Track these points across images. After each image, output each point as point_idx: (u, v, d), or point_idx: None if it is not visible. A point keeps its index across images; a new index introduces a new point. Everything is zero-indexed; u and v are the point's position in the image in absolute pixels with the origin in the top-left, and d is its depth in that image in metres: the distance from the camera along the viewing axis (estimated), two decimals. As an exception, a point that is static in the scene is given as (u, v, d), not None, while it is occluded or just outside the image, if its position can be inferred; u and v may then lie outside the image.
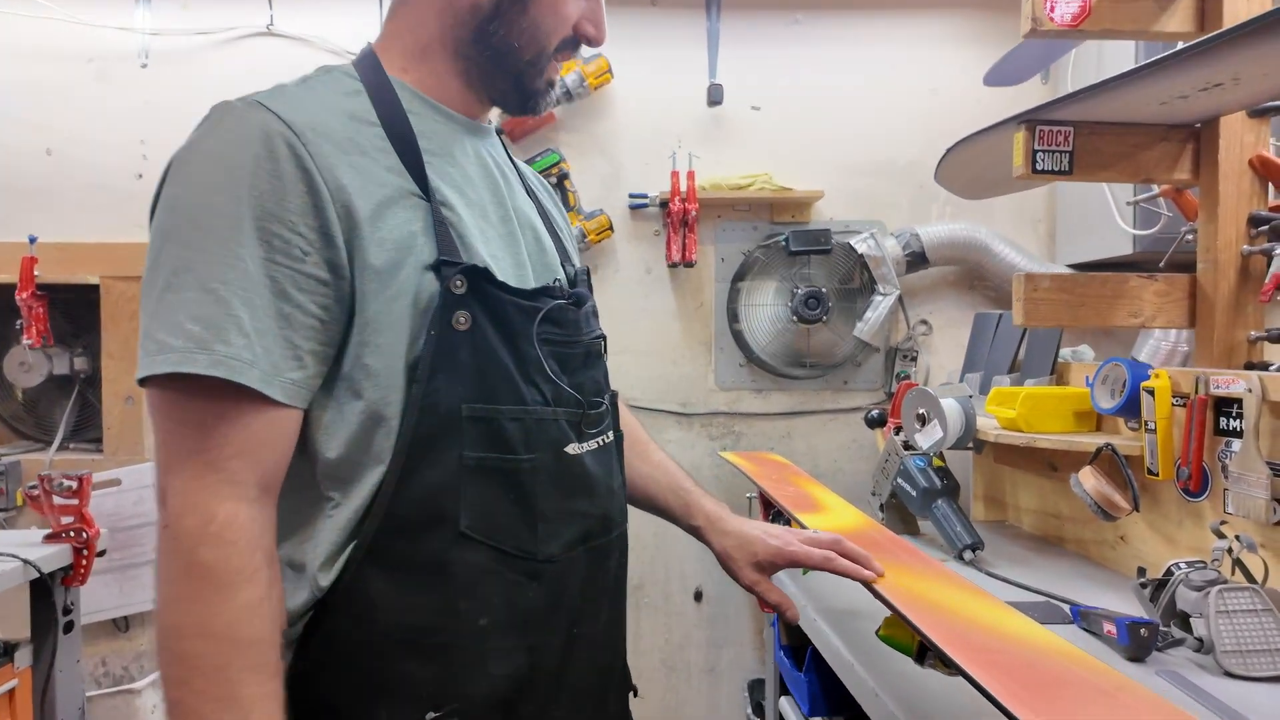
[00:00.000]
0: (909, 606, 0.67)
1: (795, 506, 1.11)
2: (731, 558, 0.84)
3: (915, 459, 1.41)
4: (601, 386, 0.76)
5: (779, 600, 0.83)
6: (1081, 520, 1.38)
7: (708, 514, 0.87)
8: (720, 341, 1.98)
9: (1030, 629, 0.63)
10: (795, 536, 0.83)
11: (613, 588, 0.76)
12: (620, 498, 0.78)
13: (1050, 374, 1.48)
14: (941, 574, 0.77)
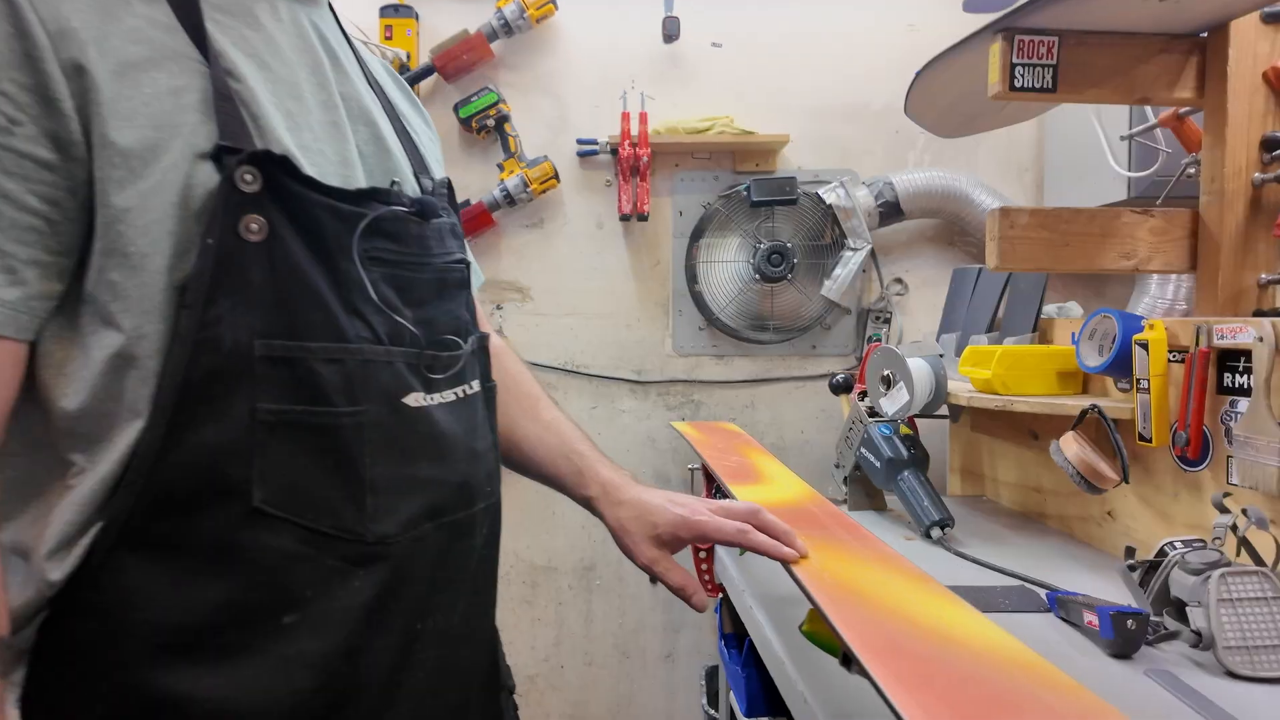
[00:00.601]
0: (831, 599, 0.52)
1: (732, 477, 0.96)
2: (626, 531, 0.69)
3: (880, 426, 1.26)
4: (463, 324, 0.61)
5: (681, 582, 0.69)
6: (1064, 494, 1.24)
7: (603, 482, 0.72)
8: (679, 303, 1.82)
9: (984, 631, 0.48)
10: (706, 506, 0.69)
11: (476, 571, 0.61)
12: (489, 462, 0.62)
13: (1032, 331, 1.33)
14: (884, 559, 0.62)
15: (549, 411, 0.77)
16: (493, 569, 0.64)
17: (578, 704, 1.88)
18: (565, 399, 1.83)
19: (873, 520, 1.29)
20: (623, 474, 0.74)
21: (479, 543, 0.60)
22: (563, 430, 0.76)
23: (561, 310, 1.83)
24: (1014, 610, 0.90)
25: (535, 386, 0.79)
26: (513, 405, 0.76)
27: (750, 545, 0.65)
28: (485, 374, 0.63)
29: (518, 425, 0.75)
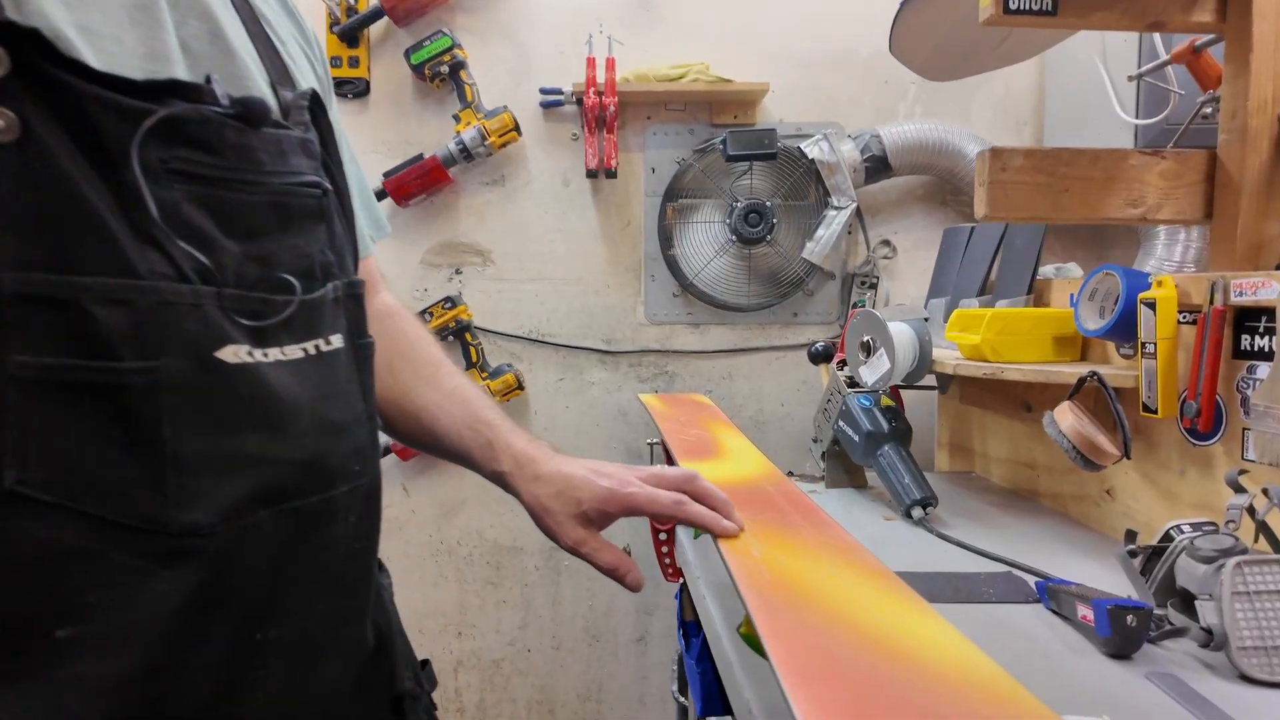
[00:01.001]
0: (765, 601, 0.42)
1: (687, 452, 0.86)
2: (547, 510, 0.61)
3: (859, 397, 1.16)
4: (318, 264, 0.49)
5: (612, 562, 0.61)
6: (1059, 471, 1.14)
7: (516, 455, 0.63)
8: (651, 268, 1.71)
9: (944, 644, 0.38)
10: (637, 475, 0.61)
11: (344, 569, 0.51)
12: (359, 436, 0.52)
13: (1027, 294, 1.22)
14: (841, 550, 0.52)
15: (453, 379, 0.67)
16: (368, 564, 0.54)
17: (545, 689, 1.80)
18: (531, 370, 1.73)
19: (851, 499, 1.20)
20: (540, 446, 0.64)
21: (344, 534, 0.50)
22: (468, 398, 0.66)
23: (525, 275, 1.72)
24: (998, 600, 0.80)
25: (437, 351, 0.69)
26: (409, 371, 0.66)
27: (684, 518, 0.58)
28: (355, 328, 0.53)
29: (415, 393, 0.65)
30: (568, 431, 1.74)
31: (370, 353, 0.54)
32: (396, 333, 0.68)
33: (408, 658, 0.64)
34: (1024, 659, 0.67)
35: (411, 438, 0.67)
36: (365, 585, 0.54)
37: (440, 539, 1.77)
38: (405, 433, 0.67)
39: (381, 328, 0.68)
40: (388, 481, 1.82)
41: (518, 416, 1.74)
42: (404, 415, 0.66)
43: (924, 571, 0.87)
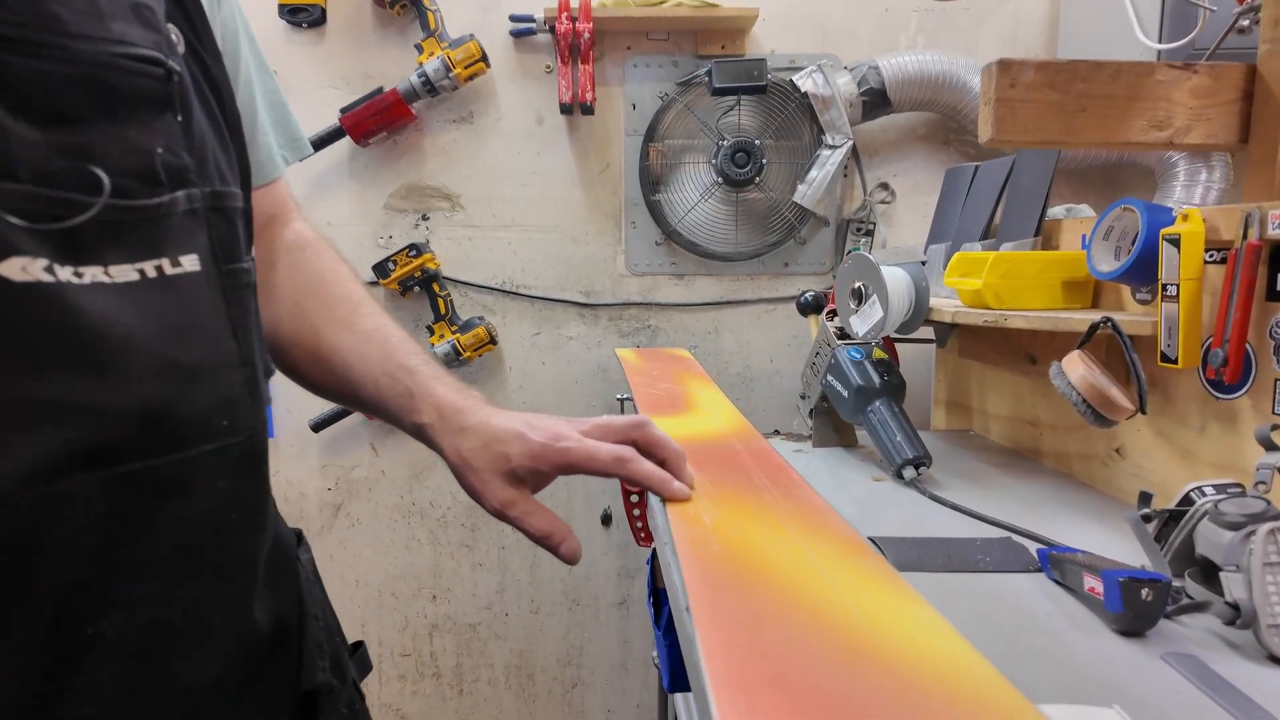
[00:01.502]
0: (707, 580, 0.34)
1: (654, 407, 0.78)
2: (471, 467, 0.53)
3: (849, 350, 1.08)
4: (160, 164, 0.40)
5: (545, 528, 0.54)
6: (1064, 428, 1.06)
7: (439, 405, 0.55)
8: (632, 214, 1.61)
9: (923, 635, 0.30)
10: (578, 427, 0.54)
11: (217, 547, 0.43)
12: (229, 384, 0.43)
13: (1034, 236, 1.13)
14: (808, 515, 0.44)
15: (372, 319, 0.59)
16: (250, 542, 0.46)
17: (524, 653, 1.75)
18: (504, 324, 1.64)
19: (839, 459, 1.12)
20: (469, 395, 0.56)
21: (209, 505, 0.42)
22: (388, 342, 0.57)
23: (498, 222, 1.62)
24: (995, 570, 0.73)
25: (356, 288, 0.60)
26: (321, 311, 0.58)
27: (627, 476, 0.52)
28: (223, 250, 0.43)
29: (327, 336, 0.57)
30: (544, 389, 1.66)
31: (246, 281, 0.45)
32: (307, 267, 0.60)
33: (327, 644, 0.56)
34: (1022, 636, 0.60)
35: (324, 388, 0.58)
36: (247, 567, 0.45)
37: (412, 500, 1.71)
38: (316, 381, 0.59)
39: (291, 261, 0.60)
40: (354, 441, 1.76)
41: (491, 373, 1.65)
42: (314, 361, 0.57)
43: (914, 536, 0.80)
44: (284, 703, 0.49)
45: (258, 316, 0.48)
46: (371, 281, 1.57)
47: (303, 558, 0.59)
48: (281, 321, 0.58)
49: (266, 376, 0.49)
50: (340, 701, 0.57)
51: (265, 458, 0.46)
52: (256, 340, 0.47)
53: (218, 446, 0.41)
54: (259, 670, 0.47)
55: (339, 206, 1.60)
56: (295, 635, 0.52)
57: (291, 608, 0.53)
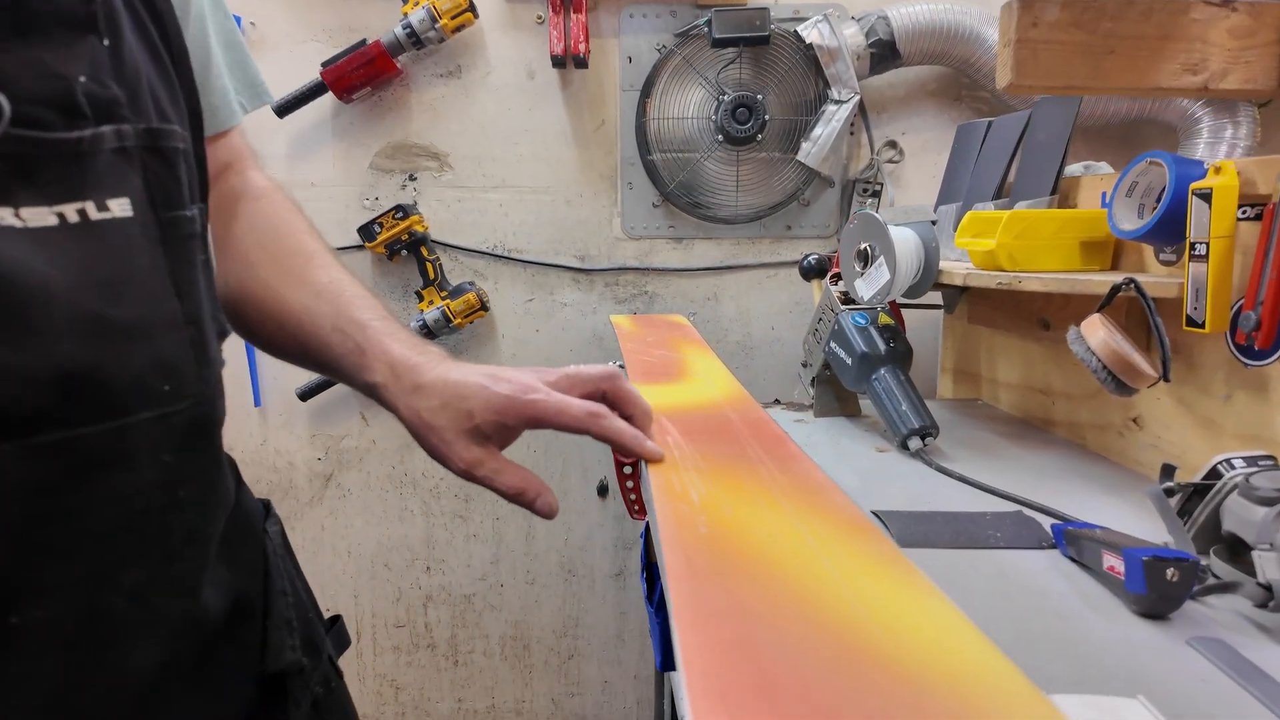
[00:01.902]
0: (691, 569, 0.30)
1: (645, 374, 0.74)
2: (431, 427, 0.50)
3: (854, 315, 1.03)
4: (82, 94, 0.35)
5: (518, 485, 0.51)
6: (1078, 397, 1.02)
7: (393, 362, 0.51)
8: (628, 174, 1.55)
9: (936, 633, 0.26)
10: (545, 378, 0.50)
11: (153, 525, 0.39)
12: (164, 345, 0.39)
13: (1051, 194, 1.07)
14: (809, 492, 0.40)
15: (326, 272, 0.54)
16: (203, 518, 0.42)
17: (519, 624, 1.74)
18: (496, 290, 1.59)
19: (841, 429, 1.08)
20: (426, 351, 0.53)
21: (150, 479, 0.38)
22: (341, 296, 0.53)
23: (488, 183, 1.56)
24: (1006, 545, 0.69)
25: (310, 240, 0.56)
26: (272, 264, 0.53)
27: (599, 433, 0.49)
28: (161, 195, 0.39)
29: (278, 291, 0.52)
30: (538, 358, 1.62)
31: (190, 231, 0.41)
32: (259, 218, 0.55)
33: (298, 621, 0.53)
34: (1036, 618, 0.56)
35: (278, 347, 0.54)
36: (198, 545, 0.42)
37: (404, 470, 1.68)
38: (269, 340, 0.55)
39: (243, 212, 0.55)
40: (344, 410, 1.72)
41: (483, 340, 1.61)
42: (266, 319, 0.53)
43: (920, 510, 0.76)
44: (244, 686, 0.46)
45: (208, 271, 0.43)
46: (357, 245, 1.52)
47: (270, 530, 0.56)
48: (232, 276, 0.54)
49: (219, 338, 0.45)
50: (313, 680, 0.54)
51: (216, 427, 0.42)
52: (206, 297, 0.43)
53: (157, 414, 0.37)
54: (213, 653, 0.43)
55: (323, 166, 1.55)
56: (259, 614, 0.49)
57: (255, 584, 0.50)
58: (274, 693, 0.49)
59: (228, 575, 0.46)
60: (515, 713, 1.77)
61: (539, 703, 1.77)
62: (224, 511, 0.45)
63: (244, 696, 0.46)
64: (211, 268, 0.44)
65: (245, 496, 0.53)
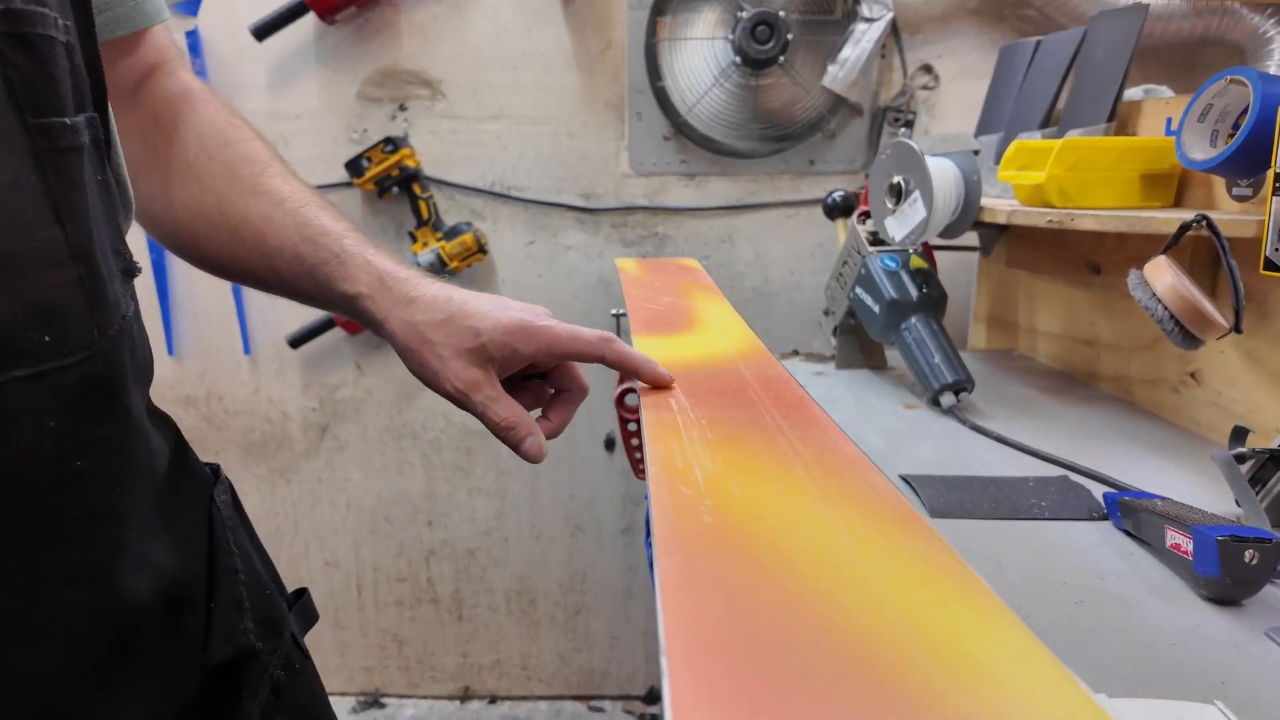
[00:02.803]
0: (690, 567, 0.24)
1: (650, 323, 0.67)
2: (427, 341, 0.48)
3: (883, 258, 0.96)
4: None
5: (510, 419, 0.49)
6: (1129, 348, 0.95)
7: (380, 272, 0.48)
8: (636, 103, 1.45)
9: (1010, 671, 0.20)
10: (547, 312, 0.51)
11: (36, 503, 0.33)
12: (42, 287, 0.33)
13: (1108, 121, 0.98)
14: (835, 470, 0.34)
15: (285, 181, 0.50)
16: (114, 493, 0.36)
17: (524, 579, 1.72)
18: (495, 231, 1.52)
19: (865, 383, 1.02)
20: (415, 269, 0.50)
21: (34, 451, 0.32)
22: (306, 205, 0.49)
23: (484, 112, 1.47)
24: (1052, 516, 0.63)
25: (260, 147, 0.51)
26: (222, 174, 0.48)
27: (614, 358, 0.50)
28: (29, 97, 0.32)
29: (233, 201, 0.48)
30: (540, 305, 1.55)
31: (74, 144, 0.34)
32: (201, 124, 0.49)
33: (253, 600, 0.48)
34: (1090, 604, 0.51)
35: (234, 264, 0.49)
36: (107, 526, 0.36)
37: (403, 422, 1.63)
38: (220, 258, 0.50)
39: (179, 117, 0.49)
40: (337, 358, 1.67)
41: (481, 286, 1.54)
42: (218, 233, 0.48)
43: (954, 475, 0.70)
44: (185, 679, 0.41)
45: (108, 196, 0.37)
46: (344, 182, 1.45)
47: (219, 499, 0.51)
48: (178, 192, 0.49)
49: (125, 277, 0.38)
50: (273, 664, 0.50)
51: (120, 385, 0.36)
52: (104, 227, 0.36)
53: (36, 372, 0.32)
54: (138, 648, 0.38)
55: (306, 95, 1.46)
56: (201, 597, 0.44)
57: (196, 564, 0.45)
58: (225, 681, 0.45)
59: (161, 556, 0.40)
60: (521, 667, 1.77)
61: (546, 658, 1.76)
62: (148, 483, 0.40)
63: (184, 691, 0.41)
64: (114, 191, 0.38)
65: (189, 462, 0.48)
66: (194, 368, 1.59)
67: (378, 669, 1.76)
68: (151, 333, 1.64)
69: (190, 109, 0.49)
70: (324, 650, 1.74)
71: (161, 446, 0.43)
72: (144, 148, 0.49)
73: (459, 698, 1.77)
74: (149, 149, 0.49)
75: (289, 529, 1.69)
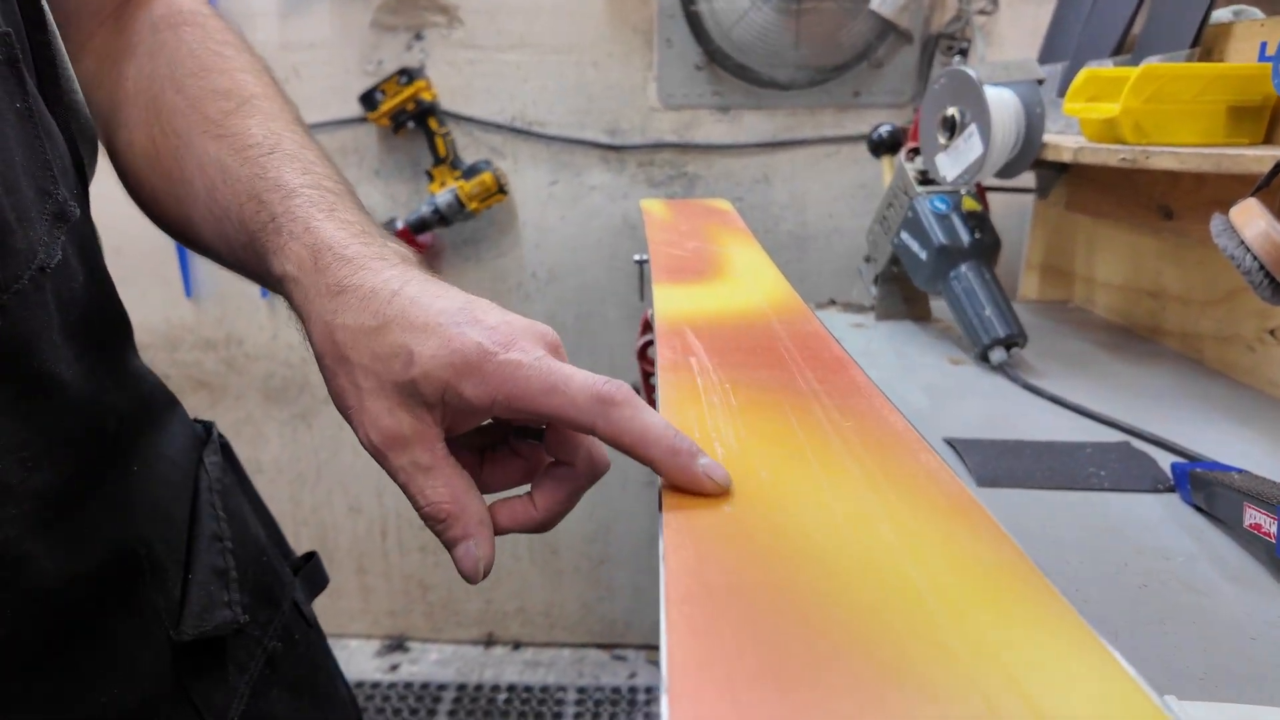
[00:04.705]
0: (708, 576, 0.20)
1: (674, 270, 0.63)
2: (341, 360, 0.33)
3: (933, 199, 0.89)
4: None
5: (437, 504, 0.33)
6: (1199, 301, 0.88)
7: (315, 245, 0.34)
8: (666, 28, 1.37)
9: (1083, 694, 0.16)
10: (545, 341, 0.33)
11: None
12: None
13: (1191, 47, 0.89)
14: (886, 452, 0.30)
15: (260, 123, 0.40)
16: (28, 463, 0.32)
17: (552, 531, 1.72)
18: (516, 170, 1.46)
19: (907, 336, 0.96)
20: (379, 244, 0.35)
21: None
22: (275, 153, 0.38)
23: (504, 41, 1.40)
24: (1113, 487, 0.59)
25: (248, 79, 0.42)
26: (187, 110, 0.40)
27: (611, 432, 0.31)
28: None
29: (192, 144, 0.40)
30: (562, 249, 1.51)
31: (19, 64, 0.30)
32: (177, 52, 0.42)
33: (242, 570, 0.45)
34: (1156, 589, 0.46)
35: (183, 227, 0.42)
36: (14, 502, 0.32)
37: (422, 369, 1.62)
38: (171, 217, 0.42)
39: (153, 46, 0.42)
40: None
41: (502, 229, 1.50)
42: (172, 186, 0.41)
43: (1005, 439, 0.66)
44: (149, 660, 0.39)
45: (30, 124, 0.33)
46: (359, 117, 1.40)
47: (208, 461, 0.48)
48: (139, 131, 0.41)
49: (58, 220, 0.34)
50: (268, 636, 0.47)
51: (36, 346, 0.32)
52: (21, 161, 0.31)
53: None
54: (78, 628, 0.35)
55: (318, 24, 1.40)
56: (175, 569, 0.41)
57: (168, 533, 0.41)
58: (205, 656, 0.42)
59: (114, 530, 0.37)
60: (545, 615, 1.78)
61: (569, 606, 1.77)
62: (83, 452, 0.36)
63: (152, 670, 0.39)
64: (40, 121, 0.34)
65: (171, 423, 0.45)
66: (212, 311, 1.58)
67: (402, 613, 1.79)
68: (168, 275, 1.62)
69: (167, 33, 0.42)
70: (349, 594, 1.77)
71: (134, 409, 0.40)
72: (118, 80, 0.44)
73: (483, 643, 1.80)
74: (115, 87, 0.42)
75: (311, 474, 1.70)
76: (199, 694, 0.40)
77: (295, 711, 0.49)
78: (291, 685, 0.48)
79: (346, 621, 1.79)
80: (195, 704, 0.41)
